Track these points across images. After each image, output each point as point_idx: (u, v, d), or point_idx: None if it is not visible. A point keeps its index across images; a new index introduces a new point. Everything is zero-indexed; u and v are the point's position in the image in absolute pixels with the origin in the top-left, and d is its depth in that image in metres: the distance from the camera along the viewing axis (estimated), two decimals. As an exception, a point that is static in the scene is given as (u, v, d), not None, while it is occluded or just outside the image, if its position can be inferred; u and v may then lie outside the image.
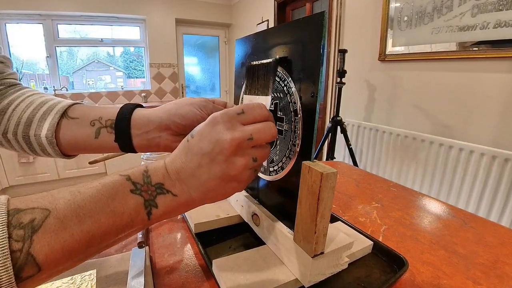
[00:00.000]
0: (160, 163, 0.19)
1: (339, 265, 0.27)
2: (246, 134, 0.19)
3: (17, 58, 2.24)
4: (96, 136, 0.26)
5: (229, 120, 0.19)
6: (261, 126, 0.20)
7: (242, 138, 0.18)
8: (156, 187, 0.18)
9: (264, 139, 0.20)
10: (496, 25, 0.86)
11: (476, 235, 0.38)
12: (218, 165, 0.18)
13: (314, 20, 0.23)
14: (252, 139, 0.19)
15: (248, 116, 0.20)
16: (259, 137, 0.19)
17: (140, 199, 0.17)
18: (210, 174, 0.18)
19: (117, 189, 0.17)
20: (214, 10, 2.80)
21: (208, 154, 0.18)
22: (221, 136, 0.18)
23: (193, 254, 0.33)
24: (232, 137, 0.18)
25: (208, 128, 0.19)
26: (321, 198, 0.22)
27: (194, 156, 0.18)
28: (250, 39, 0.33)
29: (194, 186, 0.18)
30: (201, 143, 0.18)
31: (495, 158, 0.90)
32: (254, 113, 0.20)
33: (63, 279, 0.27)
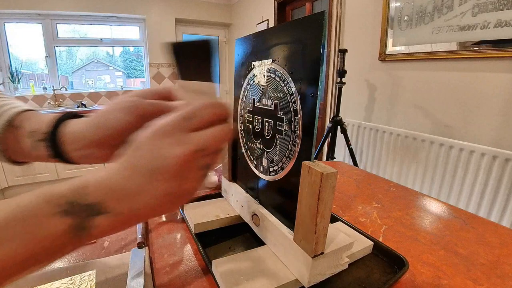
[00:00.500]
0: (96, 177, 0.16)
1: (339, 265, 0.27)
2: (197, 145, 0.16)
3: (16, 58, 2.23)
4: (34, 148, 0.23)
5: (175, 130, 0.16)
6: (213, 132, 0.17)
7: (193, 151, 0.16)
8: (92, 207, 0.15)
9: (219, 145, 0.17)
10: (497, 24, 0.86)
11: (477, 235, 0.38)
12: (167, 182, 0.15)
13: (314, 19, 0.23)
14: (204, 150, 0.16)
15: (197, 121, 0.16)
16: (211, 144, 0.16)
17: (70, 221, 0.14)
18: (158, 191, 0.16)
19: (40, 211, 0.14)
20: (214, 9, 2.80)
21: (154, 172, 0.15)
22: (166, 152, 0.15)
23: (193, 255, 0.33)
24: (180, 153, 0.15)
25: (150, 141, 0.16)
26: (321, 198, 0.22)
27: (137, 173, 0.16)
28: (250, 39, 0.33)
29: (139, 203, 0.16)
30: (144, 160, 0.16)
31: (496, 158, 0.89)
32: (204, 115, 0.17)
33: (62, 280, 0.27)
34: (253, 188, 0.35)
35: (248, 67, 0.33)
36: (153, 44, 2.61)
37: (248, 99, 0.34)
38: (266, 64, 0.30)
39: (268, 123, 0.30)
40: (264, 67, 0.30)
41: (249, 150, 0.35)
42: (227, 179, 0.41)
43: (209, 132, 0.17)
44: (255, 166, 0.34)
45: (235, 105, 0.37)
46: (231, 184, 0.39)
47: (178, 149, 0.15)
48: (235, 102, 0.37)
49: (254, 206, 0.33)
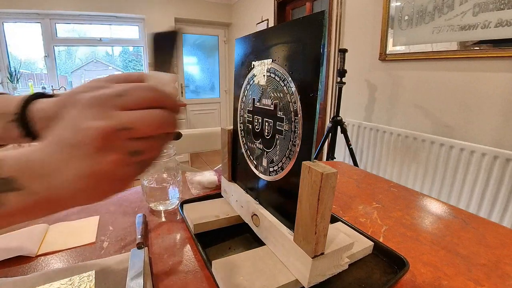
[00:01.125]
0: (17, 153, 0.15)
1: (340, 265, 0.27)
2: (120, 122, 0.15)
3: (15, 58, 2.22)
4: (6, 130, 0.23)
5: (101, 103, 0.15)
6: (145, 113, 0.15)
7: (113, 127, 0.14)
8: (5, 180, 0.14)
9: (148, 130, 0.15)
10: (498, 24, 0.85)
11: (477, 236, 0.38)
12: (84, 160, 0.14)
13: (314, 19, 0.23)
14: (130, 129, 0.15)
15: (128, 100, 0.15)
16: (140, 126, 0.15)
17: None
18: (76, 170, 0.14)
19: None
20: (213, 9, 2.80)
21: (71, 146, 0.14)
22: (86, 124, 0.14)
23: (193, 255, 0.33)
24: (99, 126, 0.14)
25: (73, 112, 0.15)
26: (321, 199, 0.22)
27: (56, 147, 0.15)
28: (249, 38, 0.33)
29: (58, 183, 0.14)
30: (64, 131, 0.15)
31: (497, 158, 0.89)
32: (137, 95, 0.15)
33: (61, 281, 0.27)
34: (253, 188, 0.35)
35: (248, 67, 0.33)
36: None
37: (248, 99, 0.34)
38: (266, 63, 0.30)
39: (268, 123, 0.30)
40: (264, 67, 0.30)
41: (249, 150, 0.35)
42: (226, 179, 0.41)
43: (139, 113, 0.15)
44: (255, 166, 0.33)
45: (235, 105, 0.37)
46: (231, 184, 0.39)
47: (99, 122, 0.14)
48: (235, 102, 0.37)
49: (254, 206, 0.33)
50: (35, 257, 0.32)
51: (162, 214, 0.43)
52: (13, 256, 0.31)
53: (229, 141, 0.38)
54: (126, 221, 0.40)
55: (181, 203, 0.41)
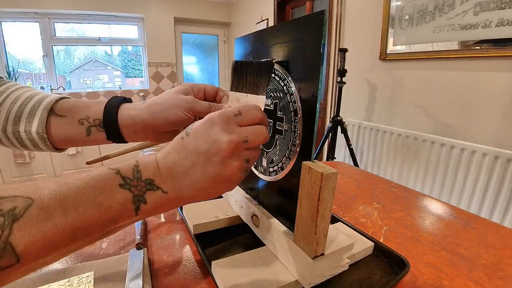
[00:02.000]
0: (151, 158, 0.19)
1: (340, 266, 0.27)
2: (243, 136, 0.19)
3: (13, 57, 2.21)
4: (88, 134, 0.27)
5: (227, 121, 0.19)
6: (256, 129, 0.20)
7: (239, 140, 0.19)
8: (146, 182, 0.17)
9: (258, 142, 0.20)
10: (499, 23, 0.85)
11: (479, 236, 0.38)
12: (213, 165, 0.18)
13: (314, 19, 0.22)
14: (247, 142, 0.19)
15: (244, 118, 0.20)
16: (253, 139, 0.19)
17: (129, 194, 0.17)
18: (204, 173, 0.18)
19: (106, 182, 0.16)
20: (213, 8, 2.79)
21: (204, 154, 0.18)
22: (218, 137, 0.18)
23: (192, 256, 0.33)
24: (229, 139, 0.18)
25: (205, 127, 0.19)
26: (321, 199, 0.22)
27: (188, 155, 0.18)
28: (249, 38, 0.33)
29: (185, 184, 0.18)
30: (197, 142, 0.18)
31: (498, 159, 0.89)
32: (250, 114, 0.20)
33: (59, 282, 0.27)
34: (253, 188, 0.35)
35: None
36: (152, 43, 2.60)
37: (248, 99, 0.33)
38: (266, 63, 0.29)
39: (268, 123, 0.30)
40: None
41: (248, 150, 0.34)
42: (226, 179, 0.40)
43: (252, 128, 0.20)
44: (255, 166, 0.33)
45: (234, 105, 0.37)
46: (231, 185, 0.39)
47: (227, 136, 0.18)
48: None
49: (253, 206, 0.33)
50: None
51: (162, 214, 0.43)
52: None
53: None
54: (125, 222, 0.40)
55: (180, 204, 0.41)
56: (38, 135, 0.26)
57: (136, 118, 0.26)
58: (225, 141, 0.18)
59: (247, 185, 0.36)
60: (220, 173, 0.18)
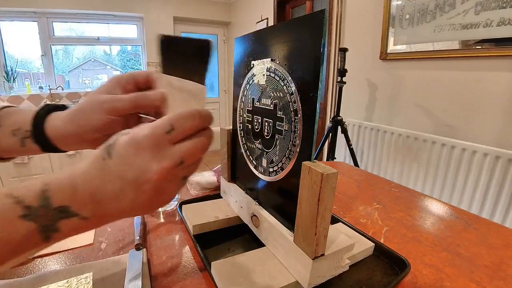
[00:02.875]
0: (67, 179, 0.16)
1: (340, 267, 0.27)
2: (177, 159, 0.16)
3: (12, 57, 2.20)
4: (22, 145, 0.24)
5: (156, 144, 0.16)
6: (193, 144, 0.17)
7: (172, 166, 0.16)
8: (59, 210, 0.15)
9: (197, 157, 0.18)
10: (500, 23, 0.85)
11: (480, 237, 0.37)
12: (145, 194, 0.16)
13: (314, 18, 0.22)
14: (183, 163, 0.17)
15: (178, 133, 0.17)
16: (190, 157, 0.17)
17: (34, 225, 0.15)
18: (134, 201, 0.16)
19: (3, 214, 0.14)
20: (212, 8, 2.79)
21: (132, 182, 0.16)
22: (146, 166, 0.16)
23: (192, 256, 0.32)
24: (160, 168, 0.16)
25: (130, 152, 0.16)
26: (321, 199, 0.22)
27: (114, 180, 0.16)
28: (249, 37, 0.32)
29: (112, 209, 0.16)
30: (122, 168, 0.16)
31: (499, 159, 0.89)
32: (185, 127, 0.17)
33: (58, 283, 0.27)
34: (253, 188, 0.34)
35: (248, 66, 0.33)
36: (151, 43, 2.60)
37: (248, 99, 0.33)
38: (266, 63, 0.29)
39: (268, 123, 0.30)
40: (263, 66, 0.30)
41: (248, 150, 0.34)
42: (226, 179, 0.40)
43: (189, 145, 0.17)
44: (255, 166, 0.33)
45: (234, 105, 0.37)
46: (230, 185, 0.39)
47: (157, 164, 0.16)
48: (234, 102, 0.37)
49: (253, 207, 0.33)
50: (32, 258, 0.31)
51: (161, 215, 0.43)
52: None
53: (229, 141, 0.38)
54: (124, 222, 0.40)
55: (180, 204, 0.41)
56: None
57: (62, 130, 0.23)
58: (155, 170, 0.16)
59: (247, 186, 0.36)
60: (153, 199, 0.16)
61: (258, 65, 0.31)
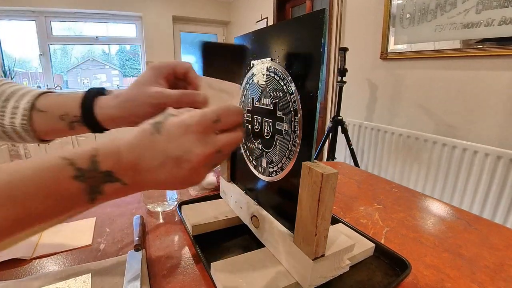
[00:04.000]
0: (113, 147, 0.18)
1: (340, 268, 0.27)
2: (217, 147, 0.19)
3: (9, 56, 2.20)
4: (71, 128, 0.28)
5: (203, 131, 0.18)
6: (232, 138, 0.20)
7: (213, 152, 0.19)
8: (105, 174, 0.17)
9: (231, 150, 0.20)
10: (501, 22, 0.84)
11: (481, 237, 0.37)
12: (181, 171, 0.18)
13: (315, 17, 0.22)
14: (220, 152, 0.19)
15: (223, 125, 0.19)
16: (228, 148, 0.20)
17: (84, 185, 0.16)
18: (170, 175, 0.18)
19: (58, 173, 0.16)
20: (212, 7, 2.78)
21: (174, 159, 0.18)
22: (191, 147, 0.18)
23: (191, 257, 0.32)
24: (203, 152, 0.18)
25: (179, 132, 0.18)
26: (321, 200, 0.21)
27: (157, 154, 0.18)
28: (249, 37, 0.32)
29: (149, 179, 0.18)
30: (168, 145, 0.18)
31: (500, 159, 0.88)
32: (229, 120, 0.20)
33: (57, 284, 0.26)
34: (252, 189, 0.34)
35: (247, 66, 0.32)
36: (150, 42, 2.59)
37: (247, 99, 0.33)
38: (265, 62, 0.29)
39: (268, 123, 0.29)
40: (263, 66, 0.30)
41: (248, 150, 0.34)
42: (225, 180, 0.40)
43: (228, 137, 0.19)
44: (254, 166, 0.33)
45: (234, 105, 0.37)
46: (230, 185, 0.39)
47: (202, 148, 0.18)
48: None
49: (253, 207, 0.32)
50: (30, 260, 0.31)
51: (160, 215, 0.42)
52: (7, 259, 0.30)
53: None
54: (123, 223, 0.39)
55: (179, 204, 0.41)
56: (23, 128, 0.27)
57: (112, 115, 0.26)
58: (198, 153, 0.18)
59: (247, 186, 0.36)
60: (186, 177, 0.18)
61: (257, 65, 0.31)
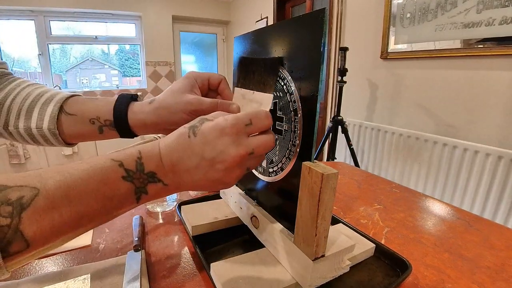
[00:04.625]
0: (154, 149, 0.19)
1: (341, 268, 0.27)
2: (250, 149, 0.19)
3: (8, 56, 2.19)
4: (100, 132, 0.28)
5: (237, 133, 0.19)
6: (264, 140, 0.20)
7: (246, 153, 0.19)
8: (149, 175, 0.18)
9: (264, 152, 0.21)
10: (502, 21, 0.84)
11: (482, 238, 0.37)
12: (216, 172, 0.19)
13: (315, 17, 0.22)
14: (253, 153, 0.20)
15: (254, 128, 0.20)
16: (260, 151, 0.20)
17: (132, 186, 0.18)
18: (205, 176, 0.19)
19: (109, 174, 0.17)
20: (212, 6, 2.78)
21: (209, 160, 0.19)
22: (226, 149, 0.19)
23: (191, 258, 0.32)
24: (236, 153, 0.19)
25: (214, 134, 0.19)
26: (321, 200, 0.21)
27: (193, 155, 0.19)
28: (249, 36, 0.32)
29: (186, 180, 0.19)
30: (204, 147, 0.19)
31: (501, 159, 0.88)
32: (260, 124, 0.20)
33: (55, 284, 0.26)
34: (252, 189, 0.34)
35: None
36: (150, 42, 2.59)
37: (247, 98, 0.33)
38: (265, 62, 0.29)
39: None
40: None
41: (248, 150, 0.34)
42: (226, 179, 0.40)
43: (260, 139, 0.20)
44: (254, 166, 0.33)
45: (233, 104, 0.37)
46: (230, 185, 0.39)
47: (235, 149, 0.19)
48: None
49: (253, 207, 0.32)
50: (30, 260, 0.31)
51: (160, 215, 0.42)
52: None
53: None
54: (122, 223, 0.39)
55: (179, 205, 0.41)
56: (50, 132, 0.27)
57: (145, 121, 0.28)
58: (232, 154, 0.19)
59: (247, 186, 0.36)
60: (221, 178, 0.19)
61: (257, 64, 0.30)
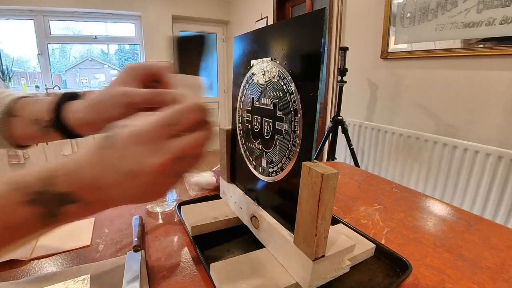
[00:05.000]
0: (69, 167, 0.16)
1: (341, 268, 0.27)
2: (176, 154, 0.16)
3: (7, 56, 2.18)
4: (45, 133, 0.26)
5: (157, 137, 0.16)
6: (192, 139, 0.17)
7: (170, 160, 0.16)
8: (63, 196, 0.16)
9: (197, 151, 0.17)
10: (503, 21, 0.84)
11: (482, 238, 0.37)
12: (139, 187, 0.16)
13: (315, 17, 0.22)
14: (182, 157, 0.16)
15: (181, 126, 0.17)
16: (189, 151, 0.17)
17: (39, 210, 0.15)
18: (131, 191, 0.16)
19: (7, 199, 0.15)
20: (211, 6, 2.77)
21: (127, 174, 0.16)
22: (144, 160, 0.16)
23: (191, 258, 0.32)
24: (155, 162, 0.16)
25: (130, 143, 0.16)
26: (321, 200, 0.21)
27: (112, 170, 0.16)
28: (248, 36, 0.32)
29: (112, 196, 0.17)
30: (121, 159, 0.16)
31: (501, 159, 0.88)
32: (188, 120, 0.17)
33: (55, 285, 0.26)
34: (252, 189, 0.34)
35: (247, 66, 0.32)
36: (150, 42, 2.58)
37: (247, 98, 0.33)
38: (265, 62, 0.29)
39: (268, 122, 0.29)
40: (263, 66, 0.29)
41: (248, 150, 0.34)
42: (225, 180, 0.40)
43: (188, 139, 0.17)
44: (254, 167, 0.33)
45: (233, 105, 0.37)
46: (230, 185, 0.39)
47: (155, 158, 0.16)
48: (234, 101, 0.36)
49: (253, 208, 0.32)
50: (28, 260, 0.31)
51: (159, 216, 0.42)
52: (5, 260, 0.30)
53: (228, 141, 0.38)
54: (122, 223, 0.39)
55: (178, 205, 0.41)
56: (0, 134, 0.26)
57: (85, 119, 0.25)
58: (153, 164, 0.16)
59: (247, 186, 0.36)
60: (147, 192, 0.17)
61: (257, 65, 0.30)
